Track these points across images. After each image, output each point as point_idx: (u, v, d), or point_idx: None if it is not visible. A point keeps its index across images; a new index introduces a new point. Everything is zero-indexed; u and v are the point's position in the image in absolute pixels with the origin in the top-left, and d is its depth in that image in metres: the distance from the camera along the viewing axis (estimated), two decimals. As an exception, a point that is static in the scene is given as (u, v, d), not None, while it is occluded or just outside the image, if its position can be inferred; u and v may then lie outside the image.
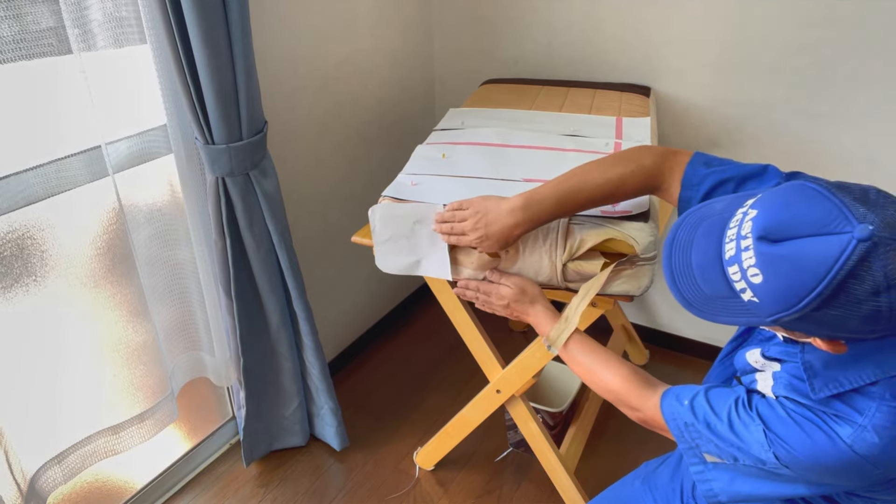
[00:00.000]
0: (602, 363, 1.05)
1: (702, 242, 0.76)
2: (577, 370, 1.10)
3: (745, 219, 0.72)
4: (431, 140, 1.48)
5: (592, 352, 1.08)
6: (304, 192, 1.84)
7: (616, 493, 1.26)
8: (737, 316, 0.74)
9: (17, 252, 1.20)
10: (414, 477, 1.79)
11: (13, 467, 1.25)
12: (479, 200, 1.08)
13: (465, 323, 1.50)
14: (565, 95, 1.75)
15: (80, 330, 1.35)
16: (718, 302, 0.75)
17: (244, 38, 1.28)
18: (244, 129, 1.37)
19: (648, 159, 1.00)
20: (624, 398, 1.01)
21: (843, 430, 0.76)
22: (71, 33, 1.13)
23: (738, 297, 0.72)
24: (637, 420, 1.00)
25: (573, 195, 1.03)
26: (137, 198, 1.38)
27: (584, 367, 1.08)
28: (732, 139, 1.83)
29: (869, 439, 0.74)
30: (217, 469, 1.83)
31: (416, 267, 1.24)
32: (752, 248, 0.69)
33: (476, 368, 1.61)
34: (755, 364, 0.92)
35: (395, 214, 1.19)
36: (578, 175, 1.03)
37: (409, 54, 2.12)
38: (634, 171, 1.00)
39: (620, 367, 1.03)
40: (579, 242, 1.11)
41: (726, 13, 1.70)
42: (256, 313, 1.61)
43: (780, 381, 0.85)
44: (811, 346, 0.80)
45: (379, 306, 2.36)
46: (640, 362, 2.20)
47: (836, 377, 0.78)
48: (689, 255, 0.77)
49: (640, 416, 0.99)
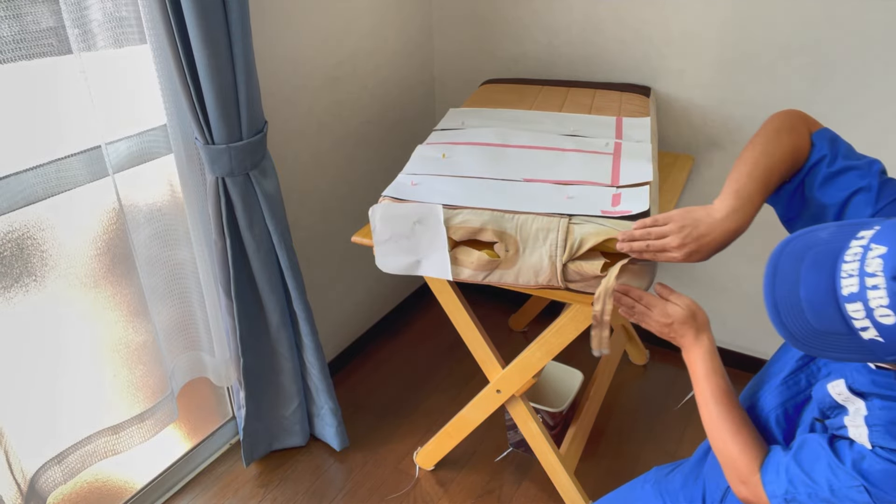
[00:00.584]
0: (732, 421, 0.97)
1: (811, 276, 0.72)
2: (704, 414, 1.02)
3: (870, 255, 0.68)
4: (431, 140, 1.48)
5: (729, 406, 0.99)
6: (304, 192, 1.84)
7: (625, 495, 1.24)
8: (850, 353, 0.71)
9: (17, 252, 1.20)
10: (414, 477, 1.79)
11: (13, 467, 1.25)
12: (682, 214, 1.01)
13: (465, 323, 1.50)
14: (565, 95, 1.75)
15: (80, 330, 1.35)
16: (831, 338, 0.71)
17: (244, 38, 1.28)
18: (244, 128, 1.37)
19: (802, 125, 0.97)
20: (737, 466, 0.94)
21: None
22: (71, 33, 1.13)
23: (856, 334, 0.69)
24: (742, 499, 0.94)
25: (770, 176, 0.96)
26: (137, 198, 1.38)
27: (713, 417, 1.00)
28: (732, 139, 1.83)
29: None
30: (217, 469, 1.83)
31: (417, 267, 1.24)
32: (884, 288, 0.66)
33: (476, 368, 1.61)
34: (838, 398, 0.86)
35: (395, 214, 1.19)
36: (760, 157, 0.97)
37: (409, 54, 2.12)
38: (802, 135, 0.97)
39: (748, 432, 0.97)
40: (579, 242, 1.11)
41: (726, 13, 1.70)
42: (256, 313, 1.61)
43: (877, 428, 0.79)
44: None
45: (379, 306, 2.36)
46: (640, 362, 2.20)
47: None
48: (797, 290, 0.73)
49: (745, 494, 0.93)
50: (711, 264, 2.04)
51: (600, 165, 1.29)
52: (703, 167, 1.92)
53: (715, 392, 0.98)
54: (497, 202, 1.17)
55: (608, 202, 1.14)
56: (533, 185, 1.23)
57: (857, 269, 0.68)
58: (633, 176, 1.22)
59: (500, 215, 1.15)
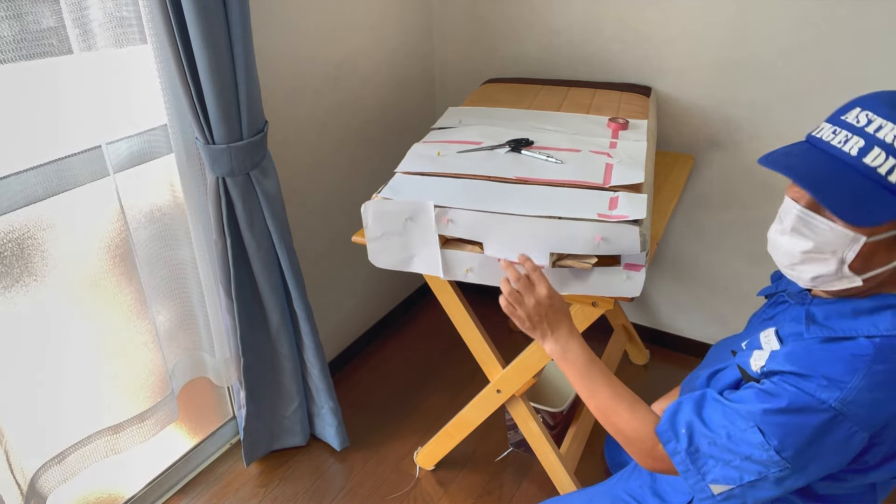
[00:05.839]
0: (625, 399, 1.01)
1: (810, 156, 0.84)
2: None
3: (849, 116, 0.82)
4: (429, 139, 1.48)
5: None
6: (304, 192, 1.84)
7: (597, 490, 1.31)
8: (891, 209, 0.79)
9: (17, 252, 1.20)
10: (414, 477, 1.79)
11: (13, 467, 1.26)
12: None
13: (466, 323, 1.50)
14: (565, 95, 1.75)
15: (80, 329, 1.35)
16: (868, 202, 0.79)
17: (244, 38, 1.28)
18: (244, 128, 1.37)
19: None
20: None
21: (830, 394, 0.80)
22: (71, 33, 1.14)
23: (886, 181, 0.78)
24: (651, 469, 0.97)
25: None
26: (138, 197, 1.38)
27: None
28: (732, 139, 1.83)
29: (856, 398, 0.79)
30: (217, 469, 1.83)
31: (409, 263, 1.25)
32: (888, 122, 0.78)
33: (476, 368, 1.61)
34: (763, 339, 0.94)
35: (387, 211, 1.19)
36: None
37: (409, 54, 2.12)
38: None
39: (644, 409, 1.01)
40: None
41: (726, 13, 1.70)
42: (257, 313, 1.61)
43: (777, 357, 0.87)
44: (819, 301, 0.91)
45: (379, 306, 2.36)
46: (640, 362, 2.20)
47: (832, 326, 0.86)
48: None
49: (653, 465, 0.96)
50: (711, 264, 2.04)
51: (593, 166, 1.28)
52: (703, 167, 1.92)
53: (604, 373, 1.03)
54: (490, 203, 1.16)
55: (605, 205, 1.13)
56: (525, 186, 1.22)
57: (847, 133, 0.81)
58: (625, 177, 1.22)
59: (491, 216, 1.15)
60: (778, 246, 0.90)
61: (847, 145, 0.81)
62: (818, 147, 0.85)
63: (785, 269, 0.91)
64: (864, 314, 0.85)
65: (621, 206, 1.12)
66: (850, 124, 0.82)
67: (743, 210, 1.89)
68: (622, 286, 1.15)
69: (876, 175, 0.78)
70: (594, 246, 1.09)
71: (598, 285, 1.16)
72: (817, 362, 0.82)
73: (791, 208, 0.86)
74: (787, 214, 0.87)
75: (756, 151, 1.81)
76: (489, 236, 1.16)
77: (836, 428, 0.80)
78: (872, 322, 0.83)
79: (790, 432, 0.81)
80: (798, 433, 0.81)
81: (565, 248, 1.11)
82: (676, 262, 2.11)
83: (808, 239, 0.84)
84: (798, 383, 0.82)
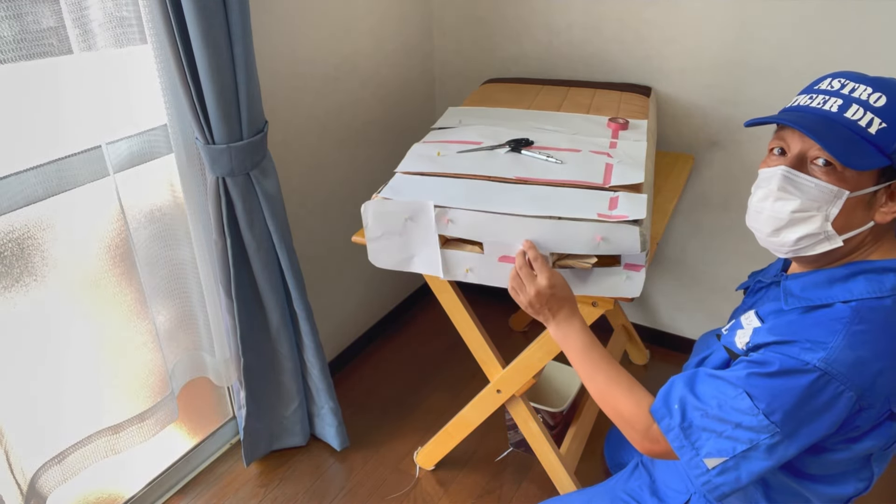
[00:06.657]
0: (622, 382, 1.03)
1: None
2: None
3: (823, 84, 0.90)
4: (429, 139, 1.48)
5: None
6: (304, 192, 1.84)
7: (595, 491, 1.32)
8: (872, 157, 0.83)
9: (17, 252, 1.20)
10: (414, 477, 1.79)
11: (13, 467, 1.26)
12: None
13: (466, 323, 1.50)
14: (565, 95, 1.75)
15: (80, 329, 1.35)
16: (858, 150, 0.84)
17: (244, 37, 1.28)
18: (244, 128, 1.37)
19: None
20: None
21: (813, 355, 0.83)
22: (71, 33, 1.14)
23: (866, 133, 0.83)
24: (648, 452, 0.98)
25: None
26: (138, 197, 1.38)
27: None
28: (733, 139, 1.83)
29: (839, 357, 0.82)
30: (217, 469, 1.83)
31: (409, 263, 1.25)
32: (861, 84, 0.85)
33: (476, 368, 1.61)
34: (744, 320, 0.97)
35: (387, 211, 1.19)
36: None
37: (409, 54, 2.12)
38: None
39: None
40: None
41: (726, 13, 1.70)
42: (256, 313, 1.61)
43: (759, 331, 0.91)
44: (794, 276, 0.96)
45: (379, 306, 2.36)
46: (640, 362, 2.20)
47: (808, 296, 0.90)
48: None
49: (649, 447, 0.97)
50: (711, 264, 2.04)
51: (593, 166, 1.28)
52: (703, 167, 1.92)
53: (604, 356, 1.05)
54: (490, 203, 1.16)
55: (605, 205, 1.13)
56: (525, 185, 1.22)
57: (824, 96, 0.88)
58: (625, 177, 1.22)
59: (491, 216, 1.15)
60: (762, 212, 0.93)
61: (827, 105, 0.88)
62: (799, 110, 0.91)
63: (769, 238, 0.94)
64: (839, 282, 0.89)
65: (621, 206, 1.12)
66: (824, 90, 0.90)
67: (743, 210, 1.89)
68: (622, 286, 1.15)
69: (857, 127, 0.84)
70: (594, 246, 1.09)
71: (598, 285, 1.16)
72: (799, 329, 0.86)
73: (774, 171, 0.90)
74: (770, 178, 0.91)
75: (756, 151, 1.81)
76: (489, 236, 1.16)
77: (823, 388, 0.82)
78: (847, 288, 0.88)
79: (777, 395, 0.84)
80: (786, 395, 0.83)
81: (565, 248, 1.11)
82: (676, 262, 2.11)
83: (795, 197, 0.88)
84: (783, 350, 0.85)
